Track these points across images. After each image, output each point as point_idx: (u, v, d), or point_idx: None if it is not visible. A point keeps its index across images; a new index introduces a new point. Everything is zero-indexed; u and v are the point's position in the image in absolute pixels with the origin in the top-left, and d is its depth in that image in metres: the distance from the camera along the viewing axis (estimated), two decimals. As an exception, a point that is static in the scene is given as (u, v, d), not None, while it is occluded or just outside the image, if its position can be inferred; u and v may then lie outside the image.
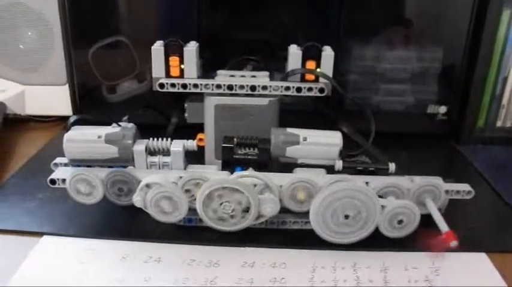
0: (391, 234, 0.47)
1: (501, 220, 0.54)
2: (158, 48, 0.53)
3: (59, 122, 0.75)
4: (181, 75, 0.54)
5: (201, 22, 0.68)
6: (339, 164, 0.51)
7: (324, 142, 0.51)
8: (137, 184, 0.47)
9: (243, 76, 0.55)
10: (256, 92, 0.54)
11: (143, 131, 0.53)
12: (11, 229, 0.49)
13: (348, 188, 0.45)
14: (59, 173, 0.50)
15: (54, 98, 0.74)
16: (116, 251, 0.47)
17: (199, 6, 0.67)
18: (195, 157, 0.53)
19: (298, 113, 0.61)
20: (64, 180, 0.49)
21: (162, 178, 0.47)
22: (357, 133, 0.61)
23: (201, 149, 0.55)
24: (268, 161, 0.51)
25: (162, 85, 0.54)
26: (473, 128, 0.71)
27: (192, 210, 0.47)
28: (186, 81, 0.54)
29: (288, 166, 0.51)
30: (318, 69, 0.54)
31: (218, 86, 0.54)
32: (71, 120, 0.54)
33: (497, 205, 0.56)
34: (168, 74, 0.54)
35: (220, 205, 0.46)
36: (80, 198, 0.49)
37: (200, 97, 0.56)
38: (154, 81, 0.54)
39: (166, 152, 0.51)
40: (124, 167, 0.50)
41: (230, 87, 0.54)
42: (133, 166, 0.51)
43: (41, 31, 0.72)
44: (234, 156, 0.50)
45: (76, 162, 0.51)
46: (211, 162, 0.57)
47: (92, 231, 0.49)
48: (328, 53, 0.53)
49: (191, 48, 0.53)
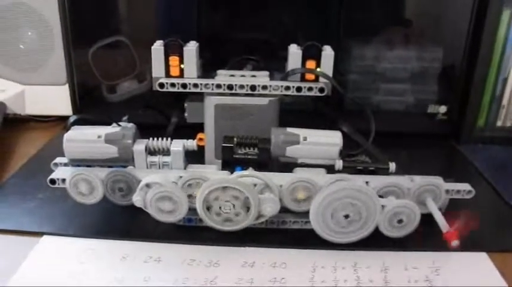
0: (391, 234, 0.47)
1: (501, 220, 0.54)
2: (158, 48, 0.53)
3: (59, 122, 0.75)
4: (181, 75, 0.54)
5: (201, 22, 0.68)
6: (339, 163, 0.51)
7: (324, 142, 0.51)
8: (137, 184, 0.47)
9: (243, 76, 0.55)
10: (256, 92, 0.54)
11: (143, 131, 0.53)
12: (11, 229, 0.49)
13: (348, 187, 0.45)
14: (59, 173, 0.50)
15: (54, 98, 0.74)
16: (116, 251, 0.46)
17: (199, 6, 0.67)
18: (195, 157, 0.53)
19: (298, 113, 0.61)
20: (64, 180, 0.49)
21: (162, 178, 0.47)
22: (357, 133, 0.61)
23: (201, 148, 0.55)
24: (268, 160, 0.50)
25: (162, 85, 0.54)
26: (473, 128, 0.71)
27: (192, 210, 0.47)
28: (186, 81, 0.54)
29: (288, 166, 0.51)
30: (318, 68, 0.54)
31: (218, 86, 0.54)
32: (71, 120, 0.54)
33: (497, 205, 0.56)
34: (168, 74, 0.54)
35: (220, 205, 0.46)
36: (80, 198, 0.49)
37: (200, 97, 0.56)
38: (154, 81, 0.54)
39: (166, 151, 0.51)
40: (124, 167, 0.50)
41: (230, 87, 0.54)
42: (133, 166, 0.50)
43: (41, 31, 0.72)
44: (234, 156, 0.50)
45: (76, 162, 0.51)
46: (211, 162, 0.57)
47: (92, 231, 0.49)
48: (328, 53, 0.53)
49: (191, 47, 0.53)
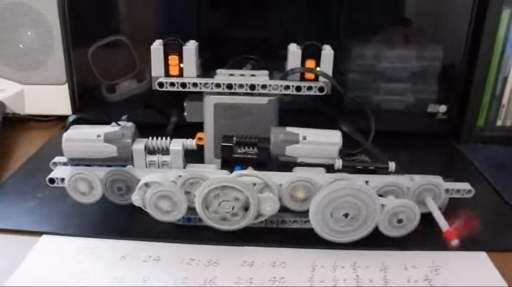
0: (391, 233, 0.47)
1: (501, 219, 0.54)
2: (157, 47, 0.53)
3: (59, 122, 0.74)
4: (180, 74, 0.54)
5: (201, 21, 0.68)
6: (339, 163, 0.50)
7: (324, 141, 0.51)
8: (136, 183, 0.47)
9: (243, 75, 0.55)
10: (255, 91, 0.54)
11: (142, 130, 0.53)
12: (10, 229, 0.49)
13: (348, 187, 0.45)
14: (58, 172, 0.50)
15: (53, 98, 0.74)
16: (115, 250, 0.46)
17: (198, 5, 0.67)
18: (195, 156, 0.53)
19: (297, 112, 0.61)
20: (63, 179, 0.49)
21: (161, 177, 0.47)
22: (357, 132, 0.60)
23: (201, 148, 0.55)
24: (267, 160, 0.50)
25: (162, 84, 0.54)
26: (473, 127, 0.70)
27: (191, 209, 0.47)
28: (186, 80, 0.54)
29: (288, 165, 0.51)
30: (318, 68, 0.53)
31: (217, 85, 0.54)
32: (70, 119, 0.54)
33: (497, 204, 0.56)
34: (168, 73, 0.54)
35: (219, 204, 0.46)
36: (79, 197, 0.49)
37: (199, 96, 0.56)
38: (153, 80, 0.54)
39: (165, 151, 0.51)
40: (123, 166, 0.50)
41: (229, 86, 0.53)
42: (132, 165, 0.50)
43: (41, 31, 0.72)
44: (234, 155, 0.50)
45: (75, 161, 0.51)
46: (210, 161, 0.56)
47: (91, 230, 0.49)
48: (327, 52, 0.53)
49: (190, 47, 0.53)
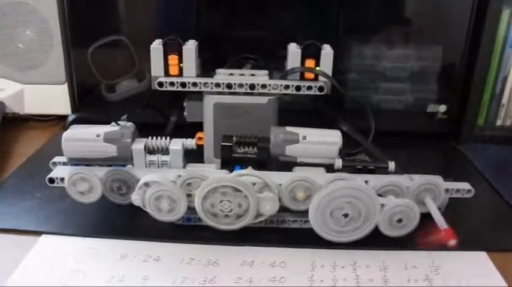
0: (391, 233, 0.47)
1: (501, 219, 0.54)
2: (157, 46, 0.53)
3: (58, 121, 0.74)
4: (180, 73, 0.54)
5: (200, 21, 0.68)
6: (339, 162, 0.50)
7: (324, 141, 0.51)
8: (136, 183, 0.47)
9: (242, 75, 0.55)
10: (255, 91, 0.54)
11: (142, 130, 0.53)
12: (10, 228, 0.49)
13: (347, 186, 0.45)
14: (58, 172, 0.50)
15: (53, 97, 0.74)
16: (115, 250, 0.46)
17: (198, 5, 0.67)
18: (194, 156, 0.53)
19: (297, 112, 0.61)
20: (63, 179, 0.48)
21: (161, 177, 0.47)
22: (357, 132, 0.60)
23: (200, 147, 0.55)
24: (267, 159, 0.50)
25: (161, 84, 0.54)
26: (473, 127, 0.70)
27: (191, 209, 0.47)
28: (185, 79, 0.54)
29: (288, 165, 0.51)
30: (318, 67, 0.53)
31: (217, 85, 0.54)
32: (70, 119, 0.54)
33: (497, 204, 0.56)
34: (167, 73, 0.54)
35: (219, 204, 0.46)
36: (79, 197, 0.49)
37: (199, 96, 0.56)
38: (153, 79, 0.54)
39: (165, 150, 0.51)
40: (123, 166, 0.50)
41: (229, 85, 0.53)
42: (132, 165, 0.50)
43: (40, 30, 0.72)
44: (233, 155, 0.50)
45: (75, 161, 0.51)
46: (210, 161, 0.56)
47: (91, 230, 0.49)
48: (327, 51, 0.53)
49: (190, 46, 0.53)
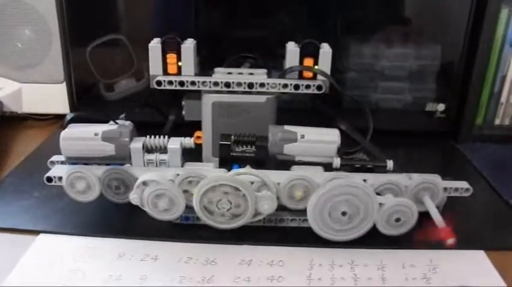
0: (389, 232, 0.47)
1: (499, 218, 0.54)
2: (155, 45, 0.53)
3: (56, 120, 0.74)
4: (178, 72, 0.54)
5: (199, 20, 0.68)
6: (337, 161, 0.50)
7: (322, 140, 0.51)
8: (134, 182, 0.47)
9: (241, 73, 0.55)
10: (253, 90, 0.54)
11: (140, 129, 0.53)
12: (7, 227, 0.49)
13: (346, 185, 0.45)
14: (56, 171, 0.49)
15: (51, 96, 0.74)
16: (113, 249, 0.46)
17: (196, 3, 0.67)
18: (193, 155, 0.53)
19: (296, 111, 0.61)
20: (60, 178, 0.48)
21: (159, 176, 0.46)
22: (355, 131, 0.60)
23: (199, 146, 0.55)
24: (265, 158, 0.50)
25: (160, 82, 0.54)
26: (471, 126, 0.70)
27: (189, 208, 0.47)
28: (184, 78, 0.54)
29: (286, 164, 0.51)
30: (316, 66, 0.53)
31: (215, 84, 0.53)
32: (68, 117, 0.54)
33: (495, 203, 0.56)
34: (166, 72, 0.54)
35: (217, 203, 0.46)
36: (77, 196, 0.49)
37: (198, 95, 0.56)
38: (151, 78, 0.54)
39: (163, 149, 0.51)
40: (121, 164, 0.50)
41: (227, 84, 0.53)
42: (130, 164, 0.50)
43: (39, 29, 0.72)
44: (232, 153, 0.50)
45: (73, 160, 0.51)
46: (208, 159, 0.56)
47: (89, 229, 0.49)
48: (326, 50, 0.53)
49: (188, 45, 0.53)
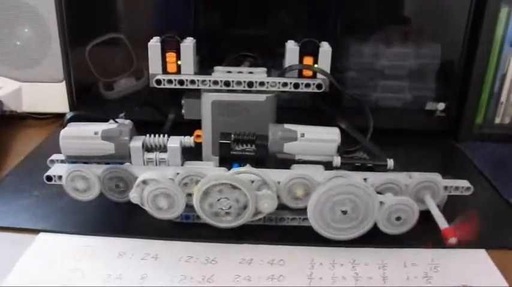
0: (390, 231, 0.47)
1: (500, 217, 0.54)
2: (155, 44, 0.53)
3: (56, 119, 0.74)
4: (178, 71, 0.54)
5: (198, 19, 0.68)
6: (337, 160, 0.50)
7: (322, 138, 0.50)
8: (134, 181, 0.47)
9: (240, 72, 0.55)
10: (253, 88, 0.53)
11: (140, 128, 0.53)
12: (7, 226, 0.49)
13: (346, 184, 0.45)
14: (55, 169, 0.49)
15: (51, 95, 0.74)
16: (113, 248, 0.46)
17: (196, 2, 0.67)
18: (192, 154, 0.53)
19: (295, 110, 0.61)
20: (60, 177, 0.48)
21: (159, 175, 0.46)
22: (355, 129, 0.60)
23: (198, 145, 0.55)
24: (265, 157, 0.50)
25: (159, 81, 0.54)
26: (471, 125, 0.70)
27: (189, 207, 0.47)
28: (183, 77, 0.53)
29: (286, 162, 0.51)
30: (316, 65, 0.53)
31: (215, 82, 0.53)
32: (68, 116, 0.54)
33: (496, 202, 0.56)
34: (165, 70, 0.54)
35: (217, 202, 0.45)
36: (76, 195, 0.49)
37: (197, 93, 0.55)
38: (151, 77, 0.54)
39: (163, 148, 0.51)
40: (121, 163, 0.50)
41: (227, 83, 0.53)
42: (130, 163, 0.50)
43: (38, 28, 0.72)
44: (232, 152, 0.50)
45: (72, 159, 0.51)
46: (208, 158, 0.56)
47: (89, 228, 0.49)
48: (325, 49, 0.53)
49: (188, 44, 0.53)
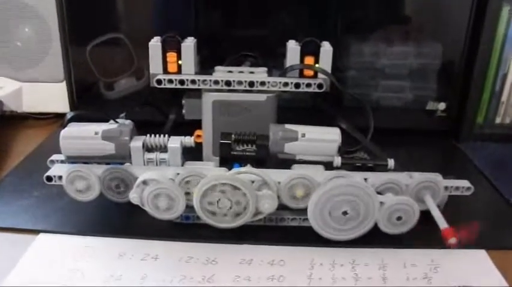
0: (390, 231, 0.46)
1: (500, 217, 0.54)
2: (155, 44, 0.53)
3: (57, 119, 0.74)
4: (178, 71, 0.54)
5: (199, 18, 0.68)
6: (338, 160, 0.50)
7: (323, 138, 0.50)
8: (134, 181, 0.47)
9: (241, 72, 0.55)
10: (254, 88, 0.53)
11: (141, 128, 0.53)
12: (7, 227, 0.49)
13: (346, 184, 0.44)
14: (55, 170, 0.49)
15: (51, 95, 0.74)
16: (113, 248, 0.46)
17: (196, 2, 0.67)
18: (193, 154, 0.53)
19: (296, 109, 0.61)
20: (60, 177, 0.48)
21: (159, 175, 0.46)
22: (356, 129, 0.60)
23: (199, 145, 0.55)
24: (266, 157, 0.50)
25: (160, 81, 0.54)
26: (472, 125, 0.70)
27: (190, 207, 0.47)
28: (184, 77, 0.53)
29: (286, 163, 0.51)
30: (317, 64, 0.53)
31: (216, 82, 0.53)
32: (68, 116, 0.54)
33: (496, 202, 0.56)
34: (166, 70, 0.54)
35: (217, 202, 0.45)
36: (77, 195, 0.49)
37: (198, 93, 0.55)
38: (151, 77, 0.54)
39: (163, 148, 0.51)
40: (121, 163, 0.50)
41: (228, 83, 0.53)
42: (130, 163, 0.50)
43: (38, 28, 0.72)
44: (232, 152, 0.50)
45: (73, 159, 0.51)
46: (209, 158, 0.56)
47: (89, 228, 0.49)
48: (326, 49, 0.53)
49: (189, 43, 0.53)
